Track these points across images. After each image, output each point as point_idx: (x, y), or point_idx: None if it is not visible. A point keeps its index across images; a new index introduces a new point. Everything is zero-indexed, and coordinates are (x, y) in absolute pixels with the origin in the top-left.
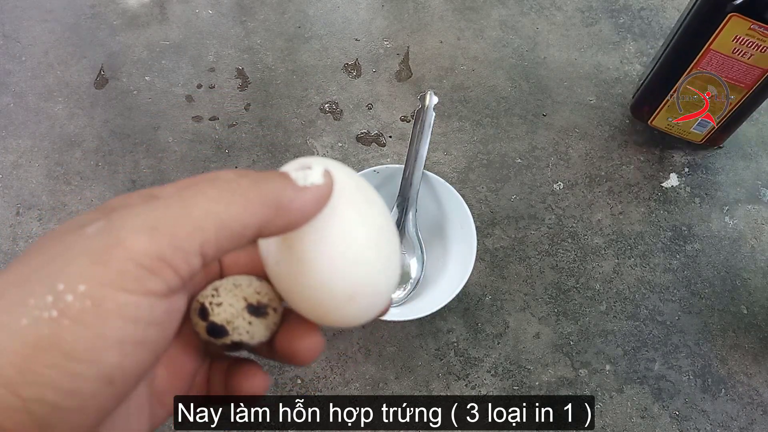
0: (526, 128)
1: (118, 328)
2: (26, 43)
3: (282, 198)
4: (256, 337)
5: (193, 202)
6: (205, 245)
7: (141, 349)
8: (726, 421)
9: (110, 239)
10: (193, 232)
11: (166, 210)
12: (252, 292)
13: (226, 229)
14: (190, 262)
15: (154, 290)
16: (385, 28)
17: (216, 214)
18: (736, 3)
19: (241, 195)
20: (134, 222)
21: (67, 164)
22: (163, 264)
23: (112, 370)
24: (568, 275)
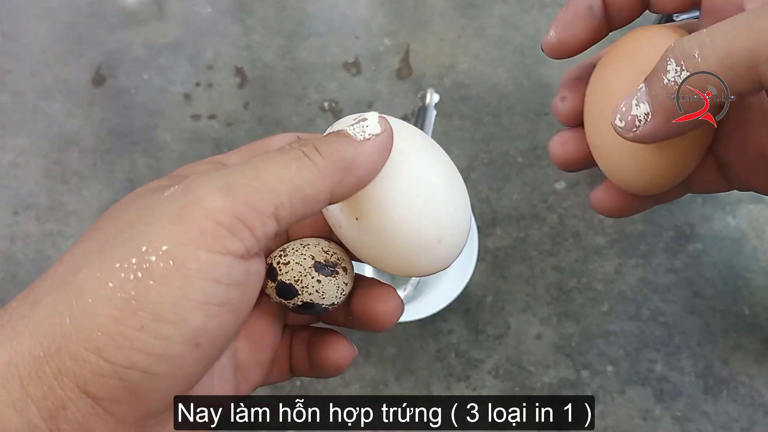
0: (528, 127)
1: (202, 288)
2: (24, 41)
3: (346, 157)
4: (327, 297)
5: (265, 166)
6: (280, 208)
7: (224, 311)
8: (728, 423)
9: (188, 199)
10: (266, 194)
11: (239, 174)
12: (320, 251)
13: (299, 192)
14: (265, 224)
15: (232, 250)
16: (386, 25)
17: (288, 178)
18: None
19: (309, 161)
20: (210, 183)
21: (65, 163)
22: (239, 223)
23: (198, 332)
24: (570, 275)
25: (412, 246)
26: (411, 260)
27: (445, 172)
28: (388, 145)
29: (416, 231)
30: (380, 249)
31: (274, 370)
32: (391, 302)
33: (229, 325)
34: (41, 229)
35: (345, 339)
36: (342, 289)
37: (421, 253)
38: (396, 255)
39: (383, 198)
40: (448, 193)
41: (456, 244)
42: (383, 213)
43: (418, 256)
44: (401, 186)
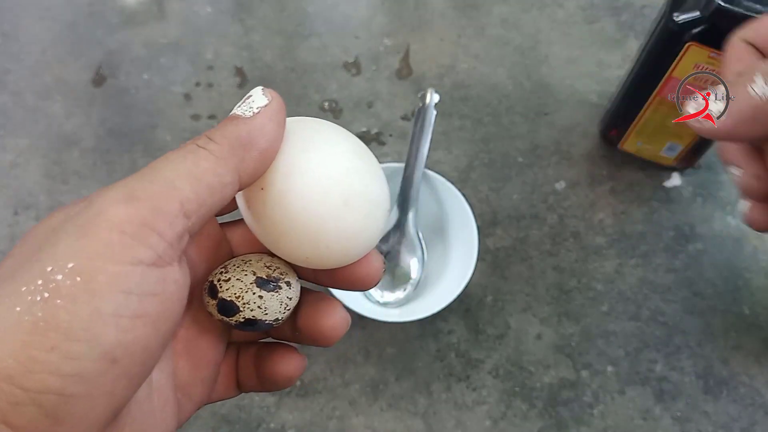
0: (528, 127)
1: (112, 302)
2: (24, 42)
3: (240, 133)
4: (270, 313)
5: (162, 166)
6: (186, 203)
7: (140, 324)
8: (728, 423)
9: (91, 213)
10: (169, 192)
11: (138, 179)
12: (261, 266)
13: (201, 182)
14: (173, 224)
15: (142, 258)
16: (386, 25)
17: (187, 171)
18: (693, 32)
19: (203, 149)
20: (111, 194)
21: (65, 163)
22: (146, 230)
23: (113, 347)
24: (570, 275)
25: (318, 210)
26: (318, 227)
27: (354, 145)
28: (280, 111)
29: (321, 193)
30: (287, 219)
31: (219, 387)
32: (336, 316)
33: (149, 337)
34: None
35: (294, 350)
36: (285, 304)
37: (328, 217)
38: (303, 222)
39: (287, 164)
40: (357, 163)
41: (367, 214)
42: (287, 178)
43: (322, 223)
44: (304, 153)
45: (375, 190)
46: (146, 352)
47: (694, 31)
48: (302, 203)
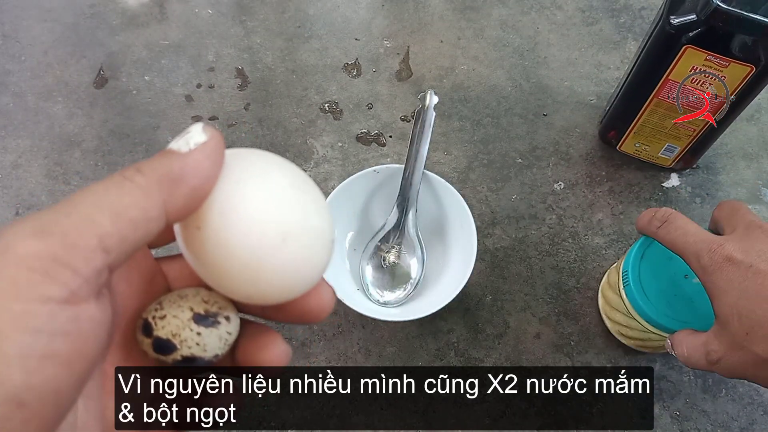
0: (527, 128)
1: (17, 342)
2: (26, 43)
3: (172, 168)
4: (209, 349)
5: (81, 199)
6: (105, 238)
7: (49, 364)
8: (727, 422)
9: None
10: (86, 226)
11: (54, 212)
12: (199, 301)
13: (123, 217)
14: (90, 259)
15: (52, 296)
16: (385, 27)
17: (108, 204)
18: (690, 35)
19: (129, 182)
20: (22, 228)
21: (67, 164)
22: (57, 265)
23: (19, 390)
24: (569, 275)
25: (256, 248)
26: (257, 265)
27: (293, 177)
28: (218, 149)
29: (258, 230)
30: (225, 258)
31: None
32: (276, 349)
33: (60, 379)
34: None
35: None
36: (225, 338)
37: (266, 255)
38: (241, 261)
39: (221, 201)
40: (296, 196)
41: (308, 246)
42: (222, 215)
43: (261, 260)
44: (239, 189)
45: (315, 222)
46: (58, 394)
47: (691, 34)
48: (239, 241)
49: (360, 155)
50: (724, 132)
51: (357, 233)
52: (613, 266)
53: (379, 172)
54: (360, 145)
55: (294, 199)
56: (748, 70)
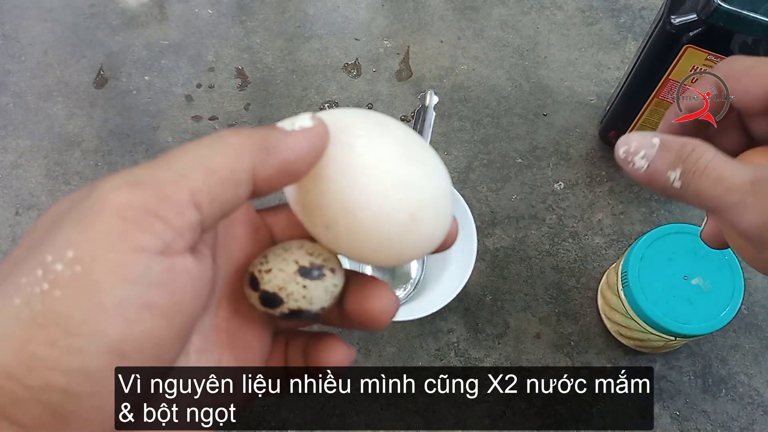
0: (527, 128)
1: (114, 293)
2: (25, 43)
3: (268, 139)
4: (315, 302)
5: (175, 155)
6: (197, 194)
7: (149, 315)
8: (726, 422)
9: (92, 200)
10: (178, 180)
11: (147, 167)
12: (303, 254)
13: (214, 174)
14: (182, 213)
15: (146, 246)
16: (385, 27)
17: (200, 161)
18: (690, 35)
19: (224, 142)
20: (115, 180)
21: (67, 164)
22: (150, 216)
23: (119, 341)
24: (569, 275)
25: (388, 234)
26: (392, 248)
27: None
28: (320, 135)
29: (386, 219)
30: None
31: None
32: (385, 299)
33: (160, 329)
34: None
35: (342, 341)
36: (331, 291)
37: (399, 236)
38: (377, 248)
39: (344, 198)
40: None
41: (436, 216)
42: (349, 213)
43: (398, 242)
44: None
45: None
46: (159, 346)
47: (692, 33)
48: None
49: None
50: None
51: None
52: (611, 267)
53: None
54: None
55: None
56: None
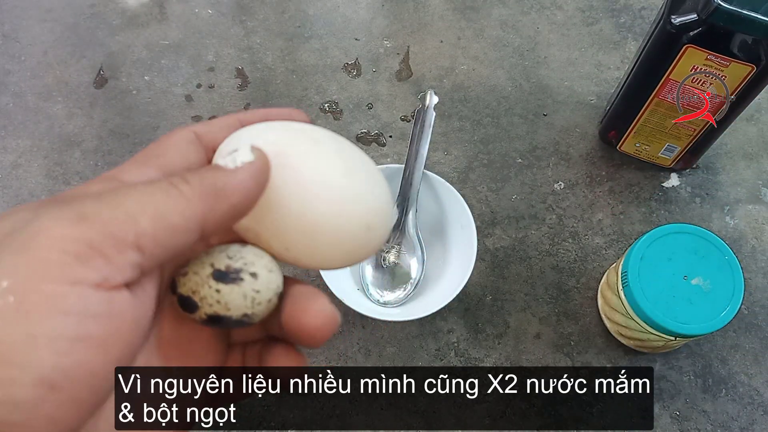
0: (527, 128)
1: (47, 324)
2: (25, 43)
3: (216, 183)
4: (233, 308)
5: (126, 195)
6: (141, 237)
7: (82, 347)
8: (726, 422)
9: (33, 229)
10: (126, 221)
11: (96, 201)
12: (222, 258)
13: (163, 220)
14: (124, 254)
15: (83, 278)
16: (385, 27)
17: (152, 206)
18: (691, 35)
19: (176, 189)
20: (61, 212)
21: (67, 164)
22: (91, 251)
23: (50, 372)
24: (569, 275)
25: (347, 246)
26: (349, 256)
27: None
28: (263, 170)
29: (344, 235)
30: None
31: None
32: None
33: (95, 360)
34: None
35: (292, 348)
36: (252, 297)
37: (357, 246)
38: (335, 258)
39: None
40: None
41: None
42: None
43: (355, 251)
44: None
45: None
46: (94, 376)
47: (692, 33)
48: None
49: None
50: (724, 132)
51: None
52: (611, 267)
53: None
54: (360, 145)
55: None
56: (748, 70)
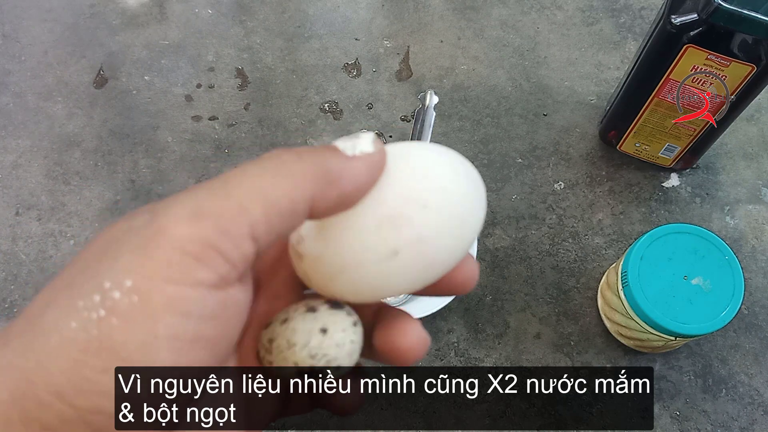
0: (527, 128)
1: (169, 324)
2: (26, 43)
3: (331, 168)
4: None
5: (237, 183)
6: (255, 227)
7: (197, 348)
8: (727, 422)
9: (153, 229)
10: (238, 213)
11: (208, 194)
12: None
13: (274, 206)
14: (240, 247)
15: (203, 280)
16: (386, 27)
17: (261, 192)
18: (691, 34)
19: (286, 170)
20: (177, 210)
21: (67, 164)
22: (210, 250)
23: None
24: (569, 275)
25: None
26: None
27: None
28: (380, 164)
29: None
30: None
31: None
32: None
33: (204, 362)
34: (43, 230)
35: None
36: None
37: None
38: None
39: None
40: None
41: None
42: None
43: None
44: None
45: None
46: (201, 373)
47: (692, 33)
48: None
49: None
50: (724, 132)
51: None
52: (611, 267)
53: None
54: None
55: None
56: (748, 70)
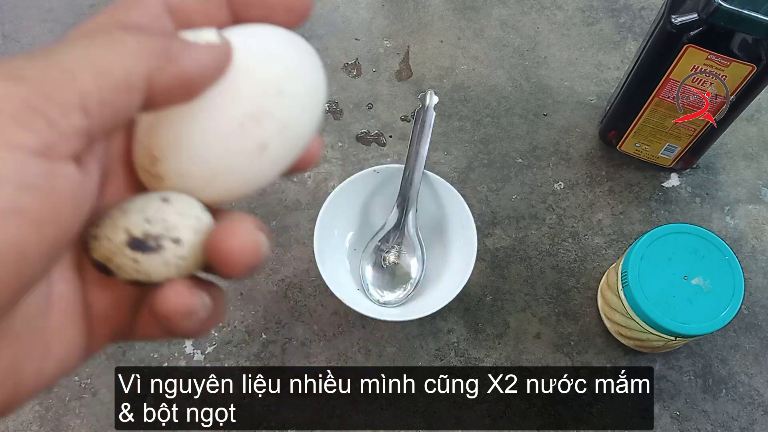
0: (527, 128)
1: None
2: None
3: (170, 46)
4: (154, 275)
5: (64, 50)
6: (86, 96)
7: (14, 221)
8: (727, 422)
9: None
10: (66, 79)
11: (33, 60)
12: (140, 221)
13: (106, 76)
14: (68, 115)
15: (23, 144)
16: (386, 27)
17: (93, 60)
18: (691, 34)
19: (121, 41)
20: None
21: None
22: (31, 112)
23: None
24: (569, 275)
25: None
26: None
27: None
28: (224, 53)
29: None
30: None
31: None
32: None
33: (28, 238)
34: None
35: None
36: (176, 263)
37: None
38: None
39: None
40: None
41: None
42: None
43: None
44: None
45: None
46: (24, 257)
47: (692, 33)
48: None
49: (360, 155)
50: (724, 132)
51: (357, 233)
52: (611, 267)
53: (379, 172)
54: (360, 145)
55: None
56: (749, 70)
